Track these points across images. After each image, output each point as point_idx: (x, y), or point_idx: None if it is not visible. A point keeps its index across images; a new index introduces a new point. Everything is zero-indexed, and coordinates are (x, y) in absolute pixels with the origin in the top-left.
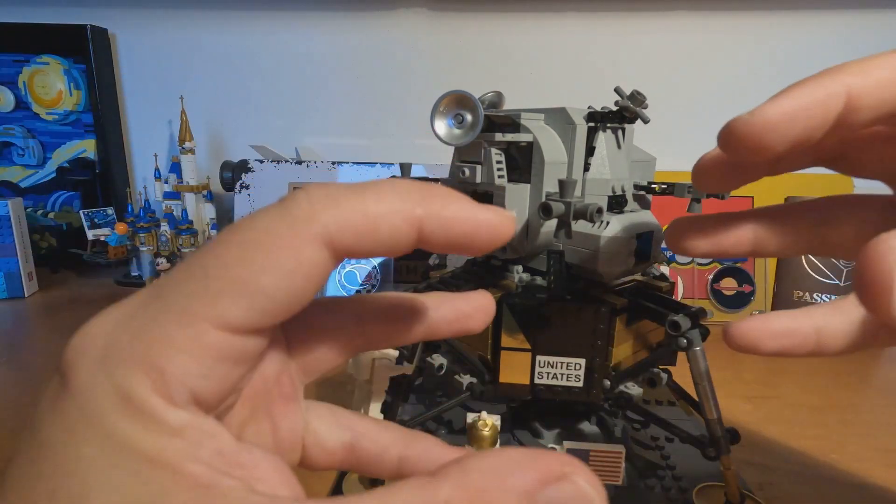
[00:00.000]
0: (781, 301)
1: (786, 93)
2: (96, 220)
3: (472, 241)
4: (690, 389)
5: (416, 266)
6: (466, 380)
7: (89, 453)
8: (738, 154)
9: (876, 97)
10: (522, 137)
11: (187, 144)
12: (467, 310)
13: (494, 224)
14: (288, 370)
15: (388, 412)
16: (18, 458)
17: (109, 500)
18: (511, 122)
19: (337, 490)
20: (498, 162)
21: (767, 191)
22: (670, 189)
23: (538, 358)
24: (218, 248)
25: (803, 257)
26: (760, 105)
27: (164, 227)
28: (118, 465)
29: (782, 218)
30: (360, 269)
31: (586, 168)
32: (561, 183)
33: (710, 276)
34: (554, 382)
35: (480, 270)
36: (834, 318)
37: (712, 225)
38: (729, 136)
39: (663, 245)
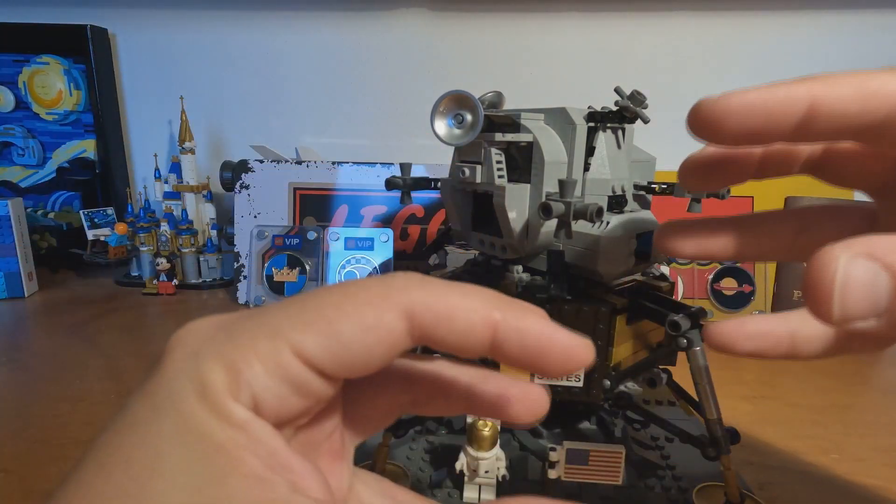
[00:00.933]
0: (781, 301)
1: (755, 87)
2: (96, 220)
3: (545, 359)
4: (690, 389)
5: (416, 266)
6: None
7: (167, 430)
8: (700, 133)
9: (837, 110)
10: (522, 137)
11: (187, 144)
12: (515, 397)
13: (569, 346)
14: (340, 428)
15: None
16: (105, 432)
17: (176, 473)
18: (511, 122)
19: None
20: (498, 162)
21: (768, 191)
22: (670, 189)
23: None
24: (324, 291)
25: None
26: (728, 91)
27: (164, 227)
28: (189, 445)
29: (765, 224)
30: (361, 269)
31: (586, 168)
32: (561, 183)
33: (710, 276)
34: (554, 382)
35: (480, 270)
36: (808, 323)
37: (699, 229)
38: (693, 114)
39: None
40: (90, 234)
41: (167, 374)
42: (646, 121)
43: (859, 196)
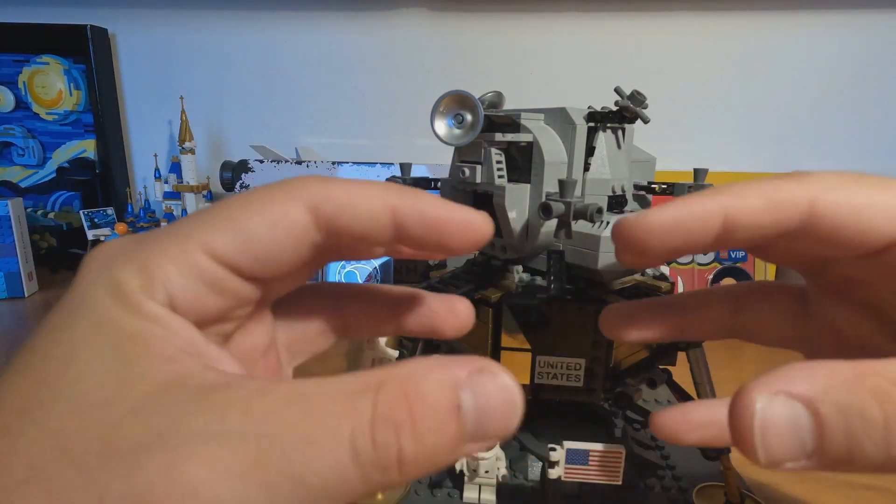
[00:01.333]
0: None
1: (669, 205)
2: (96, 220)
3: (445, 234)
4: (690, 389)
5: (416, 266)
6: None
7: (82, 328)
8: (626, 255)
9: (750, 222)
10: (522, 137)
11: (187, 144)
12: (440, 312)
13: (468, 220)
14: (275, 347)
15: None
16: (26, 342)
17: (90, 361)
18: (511, 122)
19: None
20: (498, 162)
21: None
22: (670, 189)
23: (538, 358)
24: (225, 201)
25: None
26: (645, 210)
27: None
28: (103, 336)
29: (703, 306)
30: (361, 269)
31: (586, 168)
32: (561, 183)
33: (710, 277)
34: (554, 382)
35: (480, 270)
36: None
37: (641, 314)
38: (618, 236)
39: None
40: (90, 234)
41: (82, 284)
42: (646, 121)
43: None
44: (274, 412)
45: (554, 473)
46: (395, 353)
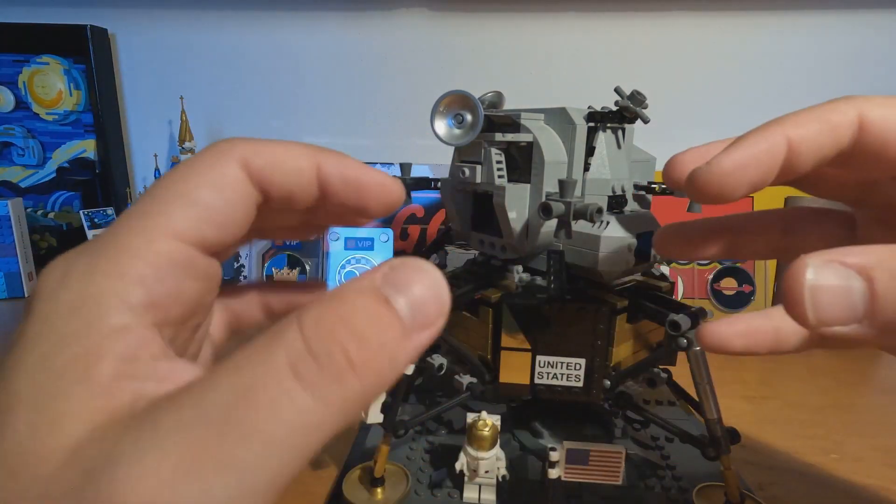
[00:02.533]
0: (781, 301)
1: (736, 144)
2: (96, 220)
3: (364, 193)
4: (690, 389)
5: None
6: (466, 380)
7: (25, 367)
8: (704, 199)
9: (812, 145)
10: (522, 137)
11: (187, 144)
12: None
13: (384, 182)
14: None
15: (388, 412)
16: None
17: (27, 407)
18: (511, 122)
19: (337, 489)
20: (498, 162)
21: (767, 191)
22: (670, 189)
23: (538, 358)
24: (159, 181)
25: None
26: (716, 156)
27: None
28: (42, 374)
29: (754, 225)
30: (361, 269)
31: (586, 168)
32: (561, 183)
33: (710, 276)
34: (554, 382)
35: (480, 270)
36: (788, 319)
37: (694, 232)
38: (692, 184)
39: None
40: (90, 235)
41: (38, 304)
42: (646, 121)
43: None
44: (202, 394)
45: (554, 473)
46: None
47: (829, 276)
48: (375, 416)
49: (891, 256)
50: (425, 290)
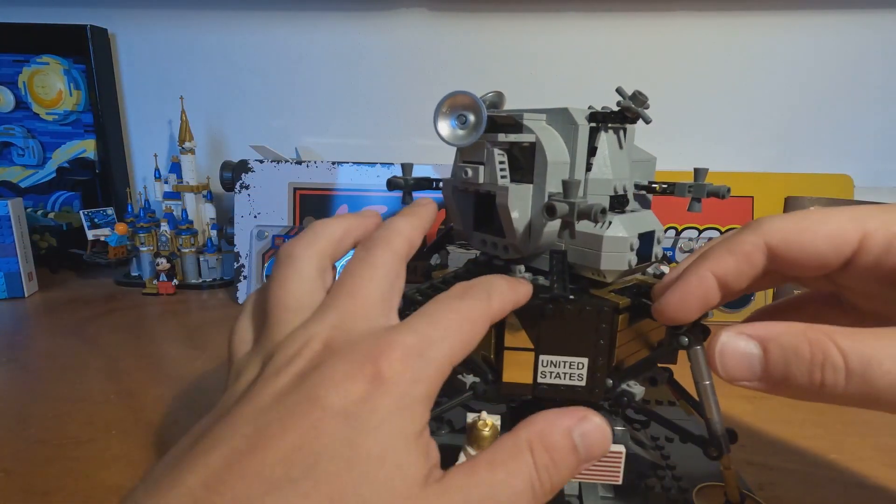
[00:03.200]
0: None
1: (675, 285)
2: (96, 220)
3: None
4: (691, 389)
5: (415, 266)
6: (469, 379)
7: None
8: (666, 322)
9: (735, 273)
10: (525, 138)
11: (187, 144)
12: None
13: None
14: None
15: None
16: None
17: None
18: (513, 123)
19: None
20: (501, 162)
21: (768, 191)
22: (671, 189)
23: (541, 357)
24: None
25: None
26: (663, 295)
27: (164, 227)
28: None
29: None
30: None
31: (588, 168)
32: (565, 183)
33: None
34: (557, 382)
35: (482, 270)
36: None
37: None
38: (656, 315)
39: (665, 245)
40: (90, 234)
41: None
42: (647, 121)
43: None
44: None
45: None
46: None
47: (737, 343)
48: None
49: (785, 332)
50: (597, 437)
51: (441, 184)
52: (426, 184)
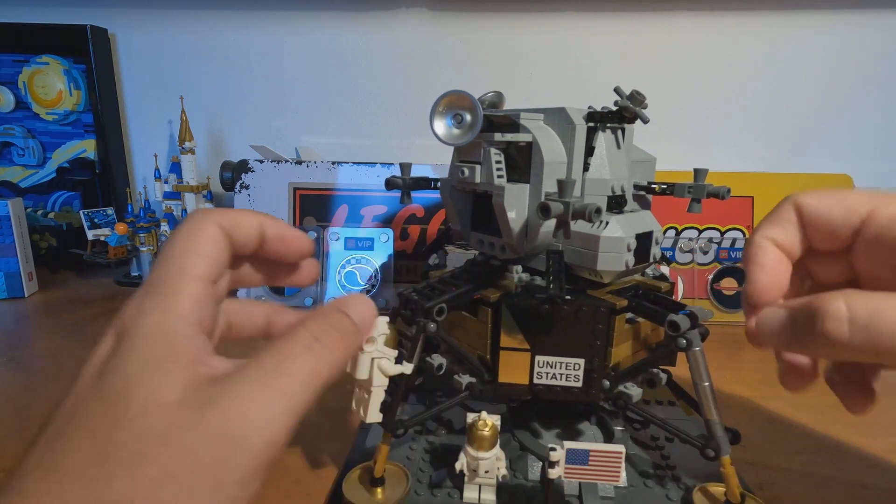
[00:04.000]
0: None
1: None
2: (96, 220)
3: (287, 244)
4: (690, 389)
5: (415, 267)
6: (465, 380)
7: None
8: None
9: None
10: (522, 137)
11: (187, 144)
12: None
13: (299, 236)
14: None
15: (388, 412)
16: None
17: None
18: (510, 122)
19: (337, 489)
20: (497, 162)
21: (768, 190)
22: (670, 189)
23: (537, 358)
24: (170, 243)
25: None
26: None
27: (164, 227)
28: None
29: None
30: (361, 269)
31: (586, 168)
32: (560, 183)
33: (710, 276)
34: (553, 382)
35: (480, 270)
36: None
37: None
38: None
39: (665, 245)
40: (90, 234)
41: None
42: (645, 121)
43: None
44: (261, 360)
45: (554, 473)
46: (395, 353)
47: (771, 310)
48: (375, 415)
49: (806, 299)
50: (366, 309)
51: (439, 183)
52: (424, 183)
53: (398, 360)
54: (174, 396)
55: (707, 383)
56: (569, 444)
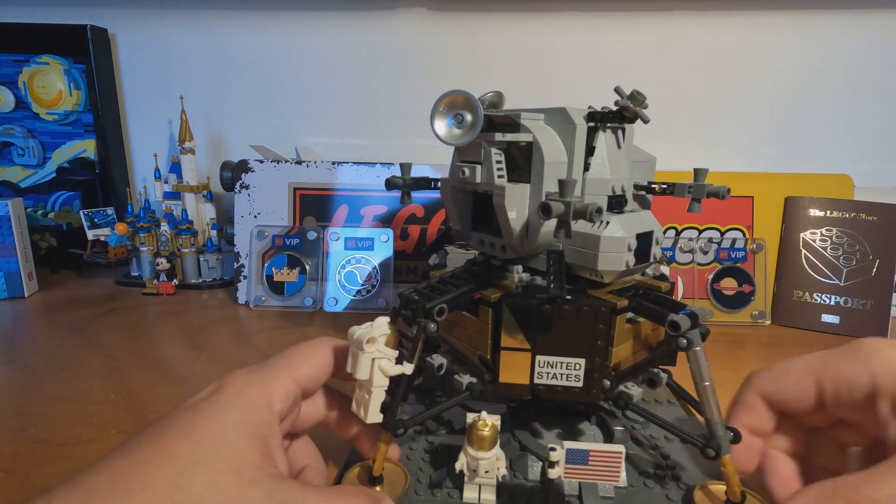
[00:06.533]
0: (781, 301)
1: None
2: (96, 220)
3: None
4: (690, 389)
5: (416, 266)
6: (466, 380)
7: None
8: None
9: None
10: (522, 137)
11: (187, 144)
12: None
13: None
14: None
15: (388, 412)
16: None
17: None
18: (511, 122)
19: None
20: (498, 162)
21: (768, 190)
22: (670, 189)
23: (538, 358)
24: (292, 350)
25: (803, 258)
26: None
27: (164, 227)
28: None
29: None
30: (361, 269)
31: (586, 168)
32: (560, 183)
33: (710, 276)
34: (554, 382)
35: (480, 270)
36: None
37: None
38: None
39: (663, 245)
40: (90, 234)
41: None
42: (645, 121)
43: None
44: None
45: (554, 473)
46: (395, 353)
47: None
48: (375, 415)
49: (819, 497)
50: None
51: (439, 183)
52: (424, 183)
53: (398, 361)
54: (253, 457)
55: (708, 383)
56: (569, 444)
